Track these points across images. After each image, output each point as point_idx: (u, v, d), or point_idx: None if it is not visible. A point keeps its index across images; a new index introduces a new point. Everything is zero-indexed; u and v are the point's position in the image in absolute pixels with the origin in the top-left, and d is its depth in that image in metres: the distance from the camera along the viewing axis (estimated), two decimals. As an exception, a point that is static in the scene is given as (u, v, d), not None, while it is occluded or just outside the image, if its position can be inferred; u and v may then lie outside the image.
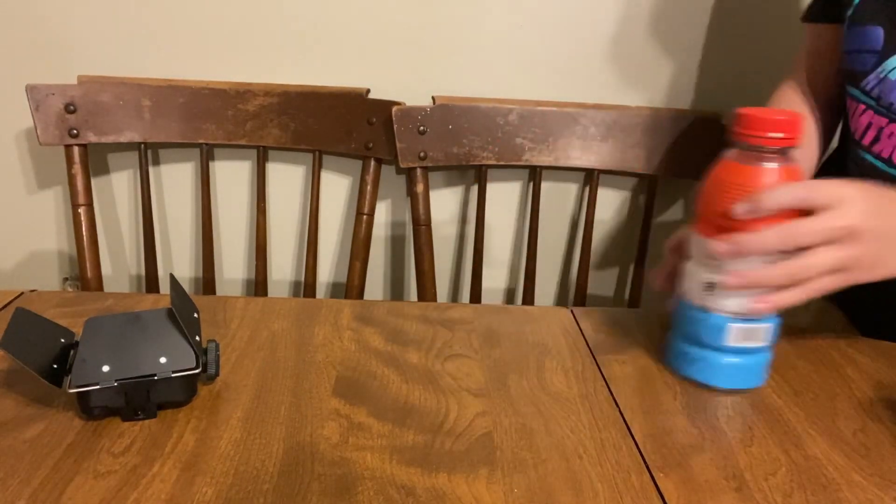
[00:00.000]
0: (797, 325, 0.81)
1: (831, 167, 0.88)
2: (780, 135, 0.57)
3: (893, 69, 0.71)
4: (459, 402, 0.60)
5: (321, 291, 1.26)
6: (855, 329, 0.84)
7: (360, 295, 1.15)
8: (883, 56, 0.72)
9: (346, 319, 0.74)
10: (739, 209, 0.58)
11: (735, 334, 0.61)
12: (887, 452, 0.56)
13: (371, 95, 1.11)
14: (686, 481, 0.52)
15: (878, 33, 0.73)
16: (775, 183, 0.58)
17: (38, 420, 0.55)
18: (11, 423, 0.55)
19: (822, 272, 0.58)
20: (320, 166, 1.14)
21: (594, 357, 0.68)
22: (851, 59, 0.76)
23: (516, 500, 0.49)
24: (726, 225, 0.59)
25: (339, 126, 1.10)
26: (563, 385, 0.63)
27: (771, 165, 0.58)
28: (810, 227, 0.57)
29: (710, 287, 0.61)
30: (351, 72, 1.13)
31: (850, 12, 0.76)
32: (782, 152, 0.58)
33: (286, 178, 1.19)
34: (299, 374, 0.63)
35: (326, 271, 1.25)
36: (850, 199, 0.57)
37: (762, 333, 0.62)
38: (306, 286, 1.16)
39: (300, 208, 1.21)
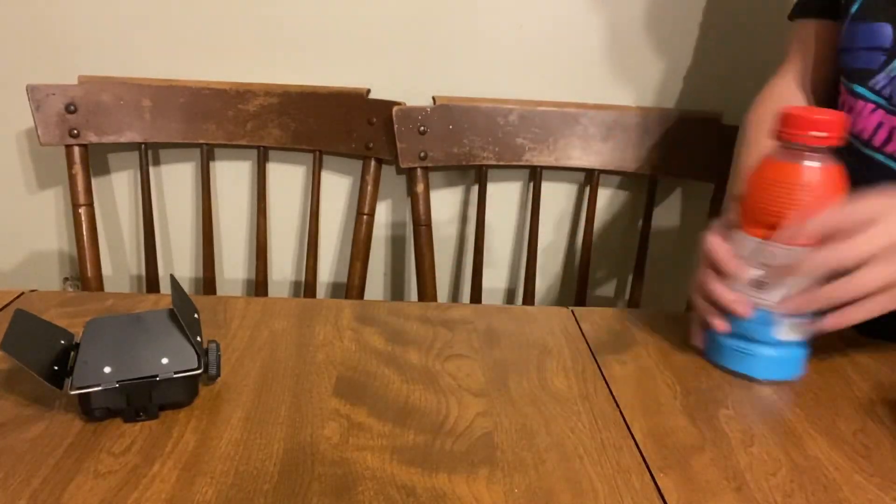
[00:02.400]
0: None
1: None
2: (823, 134, 0.59)
3: None
4: (460, 402, 0.60)
5: (321, 291, 1.26)
6: (854, 329, 0.84)
7: (361, 295, 1.15)
8: (893, 54, 0.71)
9: (346, 319, 0.74)
10: (784, 234, 0.60)
11: (784, 328, 0.63)
12: (888, 453, 0.56)
13: (371, 95, 1.11)
14: (686, 481, 0.51)
15: (887, 30, 0.72)
16: (817, 181, 0.59)
17: (39, 420, 0.55)
18: (12, 424, 0.55)
19: (870, 292, 0.58)
20: (321, 166, 1.14)
21: (594, 357, 0.68)
22: (855, 58, 0.75)
23: (517, 500, 0.49)
24: (770, 222, 0.60)
25: (340, 126, 1.10)
26: (564, 385, 0.63)
27: (813, 164, 0.59)
28: (853, 249, 0.57)
29: (760, 284, 0.63)
30: (351, 72, 1.13)
31: (854, 9, 0.75)
32: (824, 151, 0.59)
33: (286, 178, 1.19)
34: (300, 375, 0.63)
35: (327, 271, 1.25)
36: (889, 214, 0.57)
37: (804, 327, 0.64)
38: (307, 286, 1.16)
39: (300, 208, 1.21)
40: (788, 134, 0.60)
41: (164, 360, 0.55)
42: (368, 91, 1.11)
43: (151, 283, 1.15)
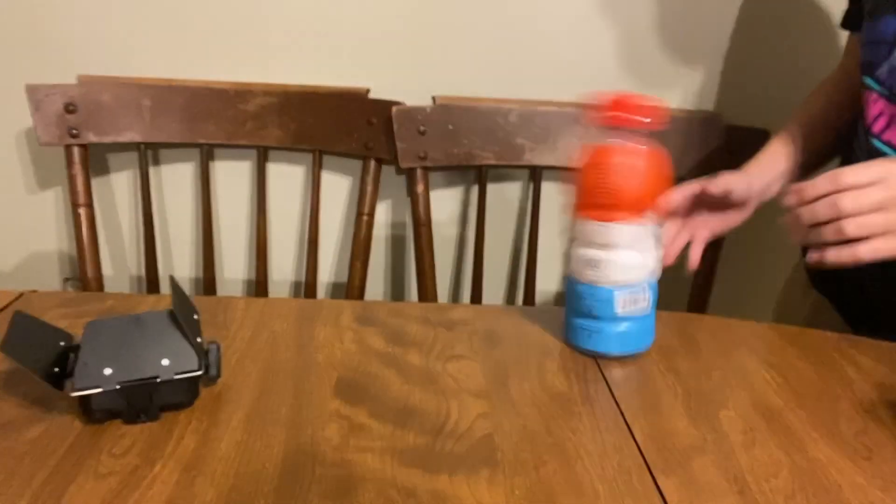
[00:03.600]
0: (794, 323, 0.81)
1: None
2: (644, 118, 0.63)
3: None
4: (460, 403, 0.60)
5: (321, 292, 1.26)
6: (851, 330, 0.85)
7: (361, 295, 1.15)
8: (894, 44, 0.73)
9: (346, 320, 0.73)
10: (790, 200, 0.64)
11: (622, 303, 0.66)
12: (889, 454, 0.56)
13: (371, 95, 1.11)
14: (687, 483, 0.51)
15: (891, 23, 0.73)
16: (641, 161, 0.64)
17: (39, 421, 0.55)
18: (12, 425, 0.55)
19: (872, 232, 0.61)
20: (320, 166, 1.14)
21: (595, 358, 0.68)
22: (867, 51, 0.77)
23: (517, 501, 0.49)
24: (602, 202, 0.64)
25: (340, 126, 1.10)
26: (564, 386, 0.63)
27: (636, 146, 0.64)
28: (857, 198, 0.61)
29: (593, 264, 0.66)
30: (351, 72, 1.13)
31: (868, 6, 0.77)
32: (645, 134, 0.64)
33: (286, 178, 1.19)
34: (300, 376, 0.63)
35: (327, 272, 1.25)
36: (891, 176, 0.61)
37: (644, 300, 0.67)
38: (307, 287, 1.16)
39: (300, 209, 1.21)
40: (613, 119, 0.63)
41: (165, 362, 0.55)
42: (368, 91, 1.11)
43: (151, 284, 1.15)
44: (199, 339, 0.58)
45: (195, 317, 0.61)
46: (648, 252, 0.66)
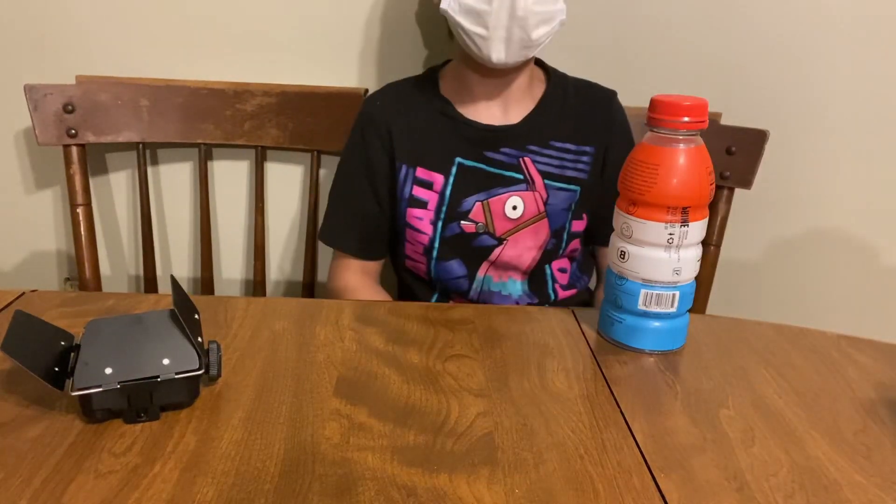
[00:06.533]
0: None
1: None
2: (688, 119, 0.63)
3: None
4: (460, 402, 0.60)
5: (320, 291, 1.26)
6: None
7: (360, 295, 1.15)
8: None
9: (346, 320, 0.74)
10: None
11: (644, 298, 0.68)
12: (888, 453, 0.56)
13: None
14: (687, 481, 0.52)
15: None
16: (676, 162, 0.64)
17: (40, 420, 0.55)
18: (13, 424, 0.55)
19: None
20: (318, 166, 1.14)
21: (595, 357, 0.68)
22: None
23: (517, 500, 0.49)
24: (637, 198, 0.66)
25: (338, 126, 1.10)
26: (565, 385, 0.63)
27: (679, 147, 0.64)
28: None
29: (622, 255, 0.68)
30: (349, 72, 1.13)
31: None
32: (690, 134, 0.64)
33: (285, 177, 1.19)
34: (300, 375, 0.63)
35: (326, 271, 1.25)
36: None
37: (670, 300, 0.68)
38: (304, 286, 1.16)
39: (299, 208, 1.21)
40: (658, 120, 0.64)
41: (166, 361, 0.55)
42: (366, 91, 1.11)
43: (150, 283, 1.15)
44: (199, 339, 0.58)
45: (196, 316, 0.61)
46: (679, 254, 0.67)
